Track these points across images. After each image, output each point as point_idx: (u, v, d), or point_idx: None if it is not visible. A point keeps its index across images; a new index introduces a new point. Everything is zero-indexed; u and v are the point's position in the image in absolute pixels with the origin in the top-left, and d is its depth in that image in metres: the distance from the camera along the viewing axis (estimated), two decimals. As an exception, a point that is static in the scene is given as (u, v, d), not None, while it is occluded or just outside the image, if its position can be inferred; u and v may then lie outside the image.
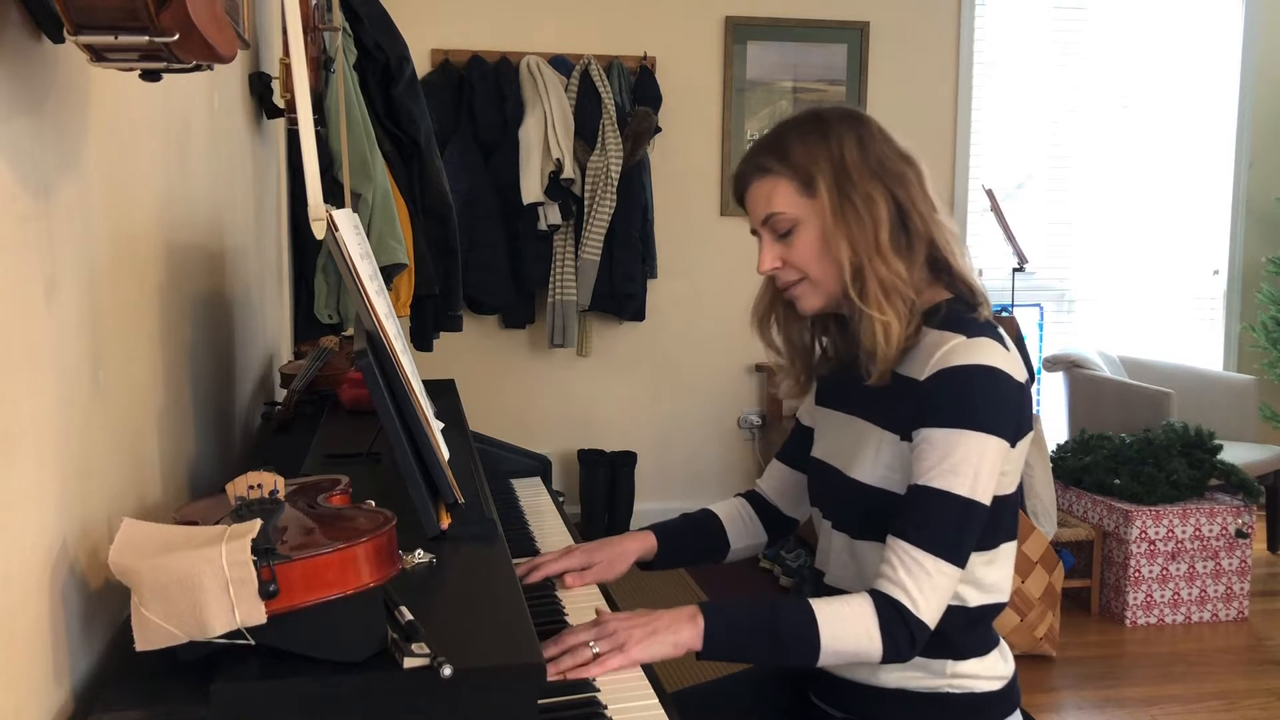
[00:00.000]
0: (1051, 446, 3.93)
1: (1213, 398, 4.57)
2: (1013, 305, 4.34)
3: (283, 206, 3.01)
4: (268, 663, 0.85)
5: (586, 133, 4.40)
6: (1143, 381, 4.51)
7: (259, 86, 2.39)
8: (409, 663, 0.86)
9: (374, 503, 1.02)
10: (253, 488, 0.96)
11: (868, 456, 1.43)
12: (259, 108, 2.43)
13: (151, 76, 0.86)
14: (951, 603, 1.40)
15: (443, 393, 2.01)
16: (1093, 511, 3.90)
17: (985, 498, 1.35)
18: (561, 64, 4.47)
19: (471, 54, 4.44)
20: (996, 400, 1.35)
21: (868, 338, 1.39)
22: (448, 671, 0.84)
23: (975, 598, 1.44)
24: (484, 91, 4.39)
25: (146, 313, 1.25)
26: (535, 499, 1.99)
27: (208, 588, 0.81)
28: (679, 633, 1.28)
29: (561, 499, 2.04)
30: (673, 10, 4.67)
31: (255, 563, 0.81)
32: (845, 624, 1.31)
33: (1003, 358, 1.37)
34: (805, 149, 1.41)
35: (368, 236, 1.89)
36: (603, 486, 4.52)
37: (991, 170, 4.98)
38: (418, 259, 3.29)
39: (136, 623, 0.83)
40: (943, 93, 4.92)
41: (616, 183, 4.38)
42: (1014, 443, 1.38)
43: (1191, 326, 5.31)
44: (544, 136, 4.34)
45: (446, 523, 1.20)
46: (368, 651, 0.87)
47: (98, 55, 0.80)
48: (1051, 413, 4.92)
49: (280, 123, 2.75)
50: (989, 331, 1.39)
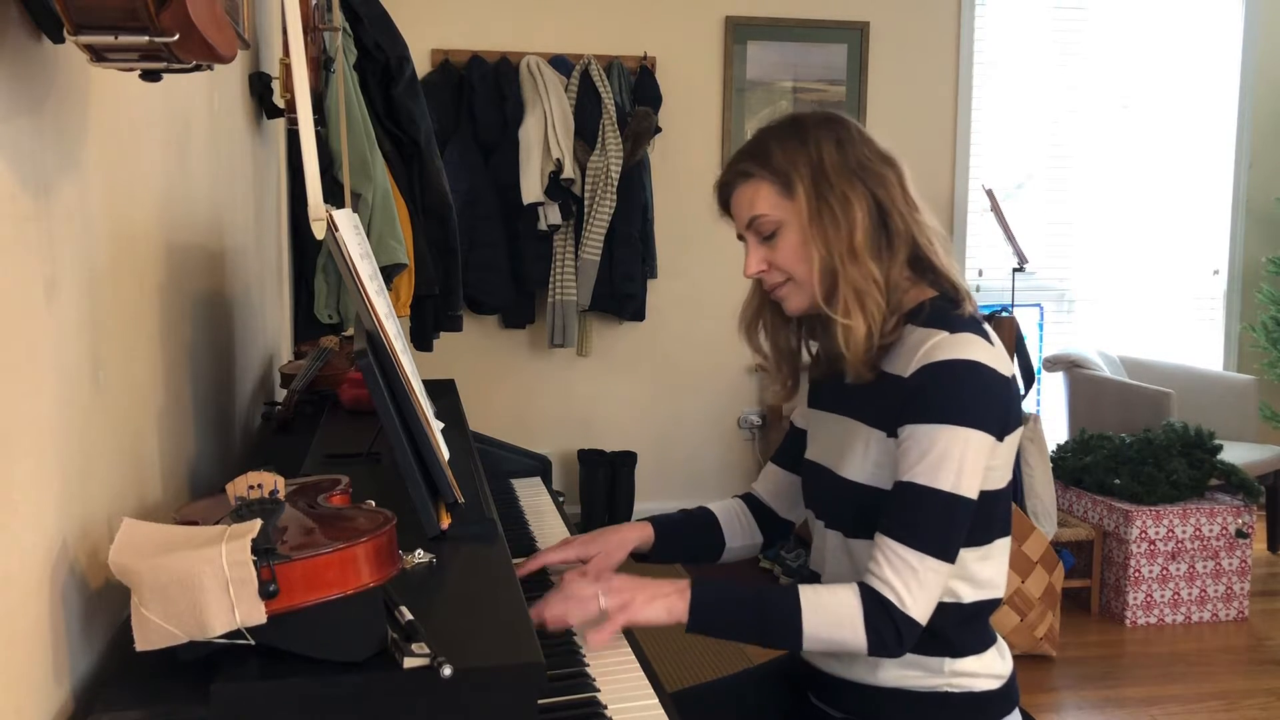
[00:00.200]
0: (1051, 446, 3.93)
1: (1213, 398, 4.57)
2: (1013, 305, 4.34)
3: (283, 206, 3.01)
4: (268, 663, 0.85)
5: (586, 133, 4.40)
6: (1143, 381, 4.51)
7: (259, 86, 2.39)
8: (409, 663, 0.86)
9: (374, 503, 1.02)
10: (253, 488, 0.96)
11: (857, 455, 1.44)
12: (259, 108, 2.43)
13: (151, 76, 0.86)
14: (946, 599, 1.40)
15: (443, 393, 2.01)
16: (1093, 511, 3.91)
17: (971, 492, 1.35)
18: (561, 64, 4.47)
19: (471, 54, 4.44)
20: (980, 395, 1.36)
21: (836, 339, 1.42)
22: (448, 671, 0.84)
23: (970, 594, 1.44)
24: (484, 91, 4.39)
25: (146, 313, 1.25)
26: (535, 499, 1.99)
27: (208, 588, 0.81)
28: (673, 602, 1.36)
29: (561, 499, 2.04)
30: (673, 10, 4.67)
31: (255, 563, 0.81)
32: (829, 614, 1.34)
33: (986, 352, 1.38)
34: (785, 153, 1.43)
35: (368, 236, 1.89)
36: (603, 486, 4.52)
37: (991, 170, 4.98)
38: (418, 259, 3.29)
39: (136, 623, 0.83)
40: (943, 93, 4.92)
41: (616, 183, 4.38)
42: (1001, 437, 1.38)
43: (1191, 326, 5.31)
44: (544, 136, 4.34)
45: (446, 523, 1.20)
46: (368, 651, 0.87)
47: (98, 55, 0.80)
48: (1051, 413, 4.92)
49: (280, 123, 2.75)
50: (972, 327, 1.40)
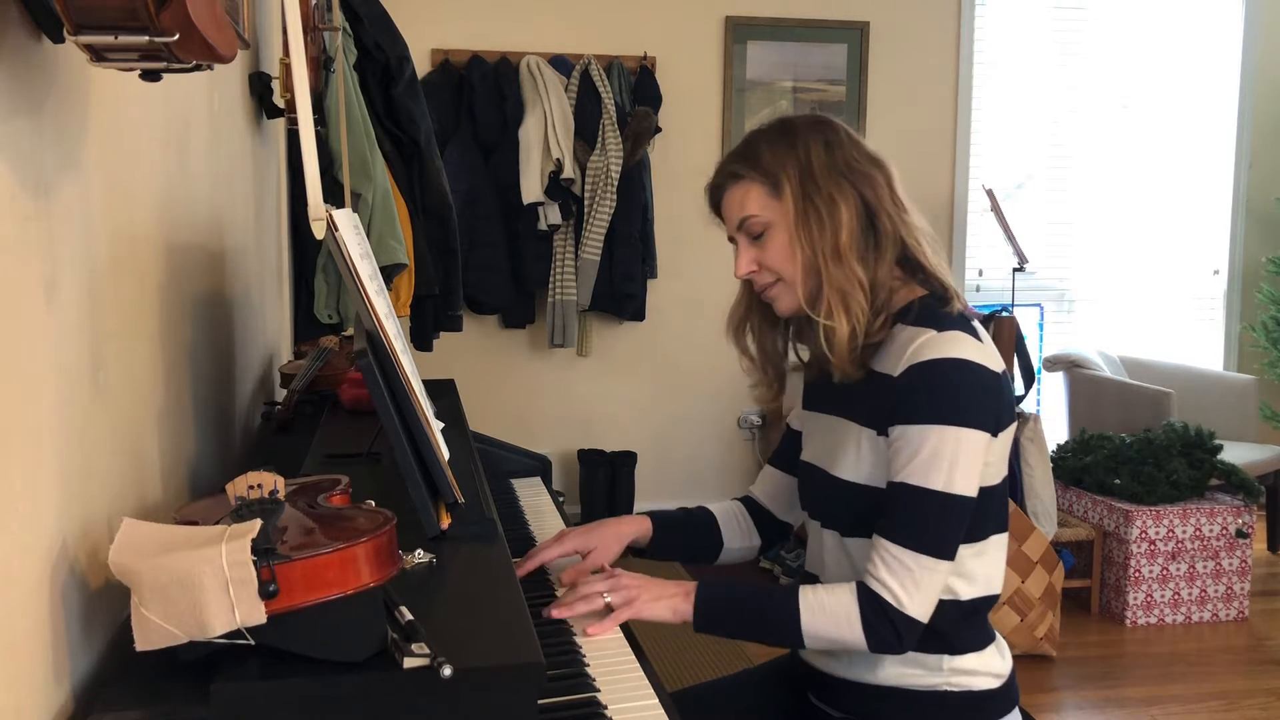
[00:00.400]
0: (1051, 446, 3.93)
1: (1213, 398, 4.57)
2: (1013, 305, 4.34)
3: (283, 206, 3.01)
4: (268, 663, 0.85)
5: (586, 133, 4.40)
6: (1143, 381, 4.51)
7: (259, 86, 2.39)
8: (409, 663, 0.86)
9: (374, 503, 1.02)
10: (253, 488, 0.96)
11: (850, 454, 1.45)
12: (259, 108, 2.43)
13: (151, 76, 0.86)
14: (944, 596, 1.41)
15: (443, 393, 2.01)
16: (1093, 511, 3.90)
17: (967, 490, 1.36)
18: (561, 64, 4.47)
19: (471, 54, 4.44)
20: (970, 392, 1.37)
21: (821, 340, 1.43)
22: (448, 671, 0.84)
23: (967, 590, 1.44)
24: (484, 91, 4.39)
25: (146, 313, 1.25)
26: (535, 499, 1.99)
27: (208, 588, 0.81)
28: (678, 602, 1.42)
29: (561, 499, 2.04)
30: (673, 10, 4.67)
31: (255, 563, 0.81)
32: (828, 614, 1.37)
33: (975, 349, 1.38)
34: (773, 154, 1.44)
35: (368, 236, 1.89)
36: (603, 486, 4.52)
37: (991, 170, 4.98)
38: (418, 259, 3.29)
39: (136, 623, 0.83)
40: (943, 93, 4.92)
41: (616, 183, 4.38)
42: (995, 432, 1.39)
43: (1191, 326, 5.31)
44: (544, 136, 4.34)
45: (446, 523, 1.20)
46: (368, 651, 0.87)
47: (98, 55, 0.80)
48: (1051, 413, 4.92)
49: (280, 123, 2.75)
50: (960, 324, 1.41)
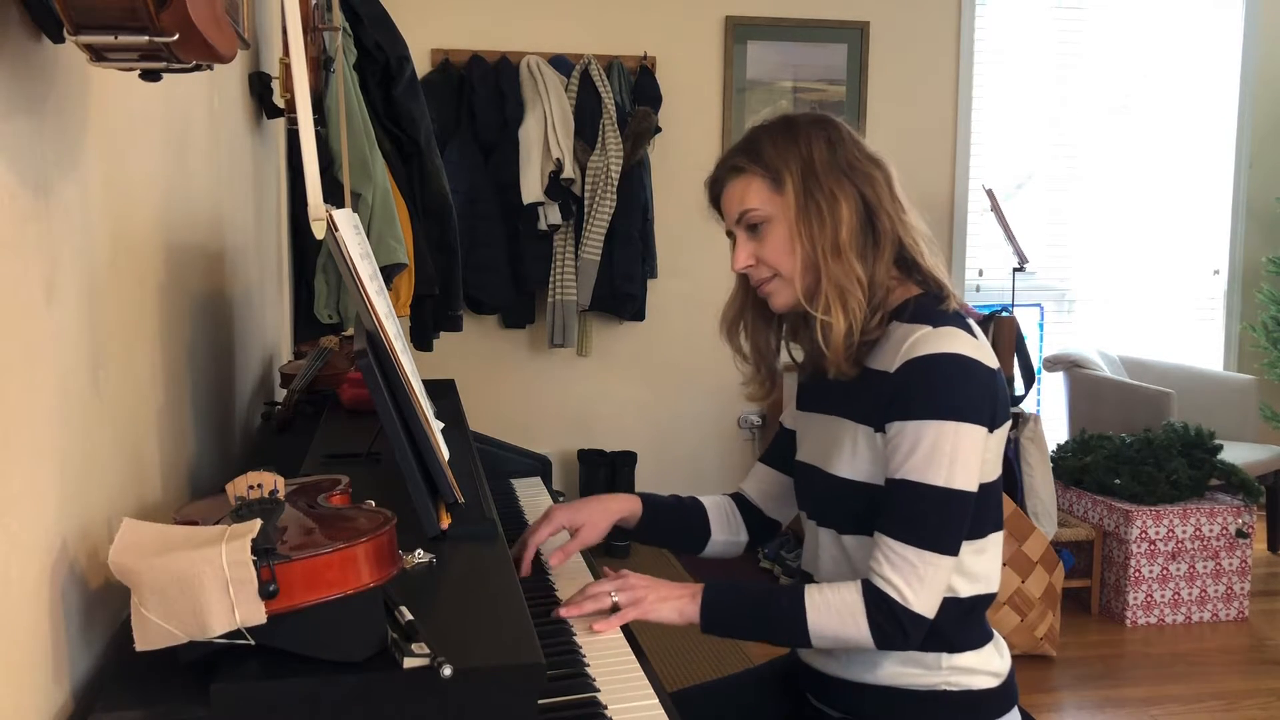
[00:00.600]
0: (1051, 446, 3.93)
1: (1213, 398, 4.57)
2: (1013, 305, 4.34)
3: (283, 206, 3.01)
4: (268, 663, 0.85)
5: (586, 133, 4.40)
6: (1143, 381, 4.51)
7: (259, 86, 2.39)
8: (409, 663, 0.86)
9: (374, 503, 1.02)
10: (253, 488, 0.96)
11: (845, 452, 1.45)
12: (259, 108, 2.43)
13: (151, 76, 0.86)
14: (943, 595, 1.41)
15: (443, 393, 2.01)
16: (1093, 511, 3.91)
17: (968, 485, 1.36)
18: (561, 64, 4.47)
19: (471, 54, 4.44)
20: (966, 387, 1.37)
21: (818, 336, 1.44)
22: (448, 671, 0.84)
23: (966, 588, 1.45)
24: (484, 91, 4.39)
25: (146, 313, 1.25)
26: (535, 499, 1.99)
27: (208, 588, 0.81)
28: (685, 604, 1.43)
29: (561, 499, 2.04)
30: (673, 10, 4.67)
31: (255, 563, 0.81)
32: (833, 612, 1.37)
33: (970, 345, 1.39)
34: (776, 149, 1.45)
35: (368, 236, 1.89)
36: (603, 486, 4.52)
37: (991, 170, 4.98)
38: (418, 259, 3.29)
39: (136, 623, 0.83)
40: (943, 93, 4.92)
41: (616, 183, 4.38)
42: (991, 429, 1.39)
43: (1191, 326, 5.31)
44: (544, 136, 4.34)
45: (446, 523, 1.20)
46: (368, 651, 0.87)
47: (98, 55, 0.80)
48: (1051, 413, 4.92)
49: (280, 123, 2.75)
50: (956, 321, 1.41)
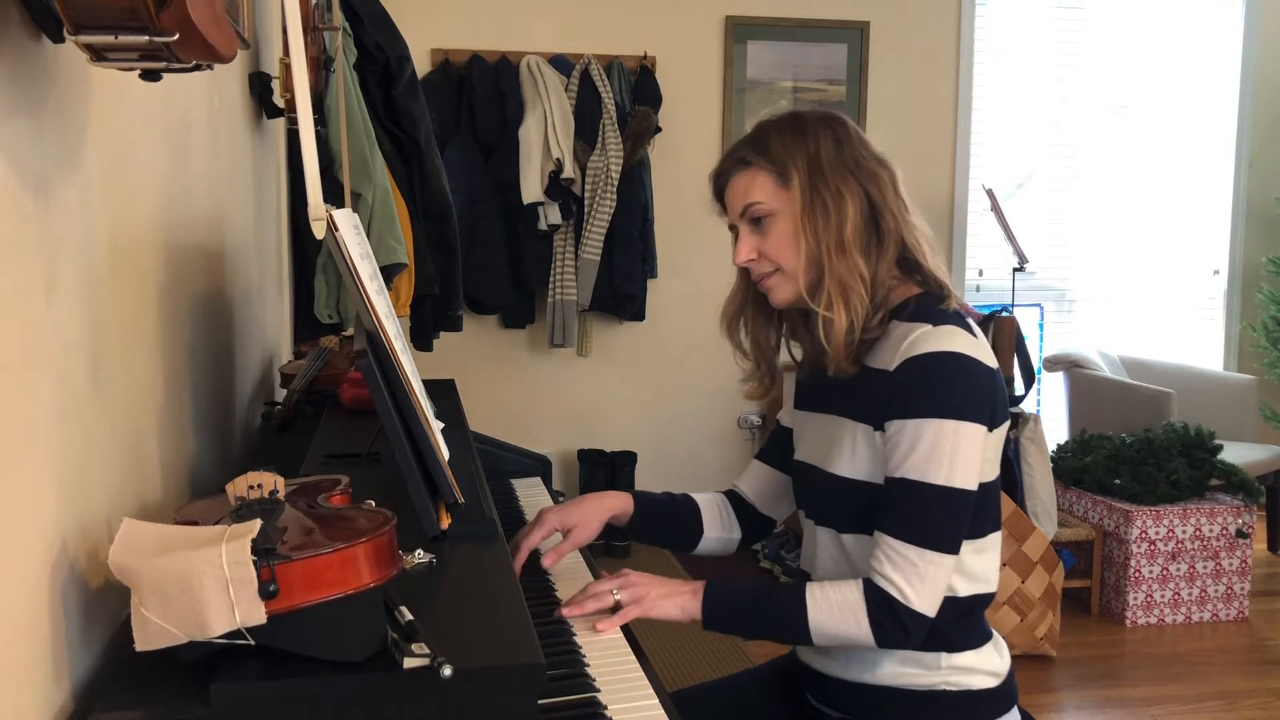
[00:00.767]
0: (1051, 446, 3.93)
1: (1213, 398, 4.57)
2: (1013, 305, 4.34)
3: (283, 206, 3.01)
4: (268, 663, 0.85)
5: (586, 132, 4.40)
6: (1143, 381, 4.51)
7: (259, 86, 2.39)
8: (409, 663, 0.86)
9: (374, 503, 1.02)
10: (253, 488, 0.96)
11: (845, 451, 1.45)
12: (259, 108, 2.43)
13: (151, 76, 0.86)
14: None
15: (443, 393, 2.01)
16: (1093, 511, 3.90)
17: (967, 483, 1.36)
18: (561, 64, 4.47)
19: (471, 54, 4.44)
20: (965, 386, 1.37)
21: (818, 332, 1.44)
22: (448, 671, 0.84)
23: (964, 587, 1.45)
24: (484, 91, 4.39)
25: (146, 313, 1.25)
26: (535, 499, 1.99)
27: (208, 588, 0.81)
28: (686, 601, 1.43)
29: (561, 499, 2.04)
30: (673, 10, 4.67)
31: (255, 563, 0.81)
32: (835, 610, 1.37)
33: (969, 344, 1.39)
34: (783, 144, 1.45)
35: (368, 236, 1.89)
36: (603, 486, 4.52)
37: (991, 170, 4.98)
38: (418, 259, 3.29)
39: (136, 623, 0.83)
40: (943, 93, 4.92)
41: (616, 183, 4.38)
42: (990, 428, 1.39)
43: (1191, 326, 5.31)
44: (544, 136, 4.34)
45: (446, 523, 1.20)
46: (368, 651, 0.87)
47: (98, 55, 0.80)
48: (1051, 413, 4.92)
49: (280, 123, 2.74)
50: (955, 320, 1.42)
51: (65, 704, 0.91)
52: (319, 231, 1.09)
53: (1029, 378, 3.61)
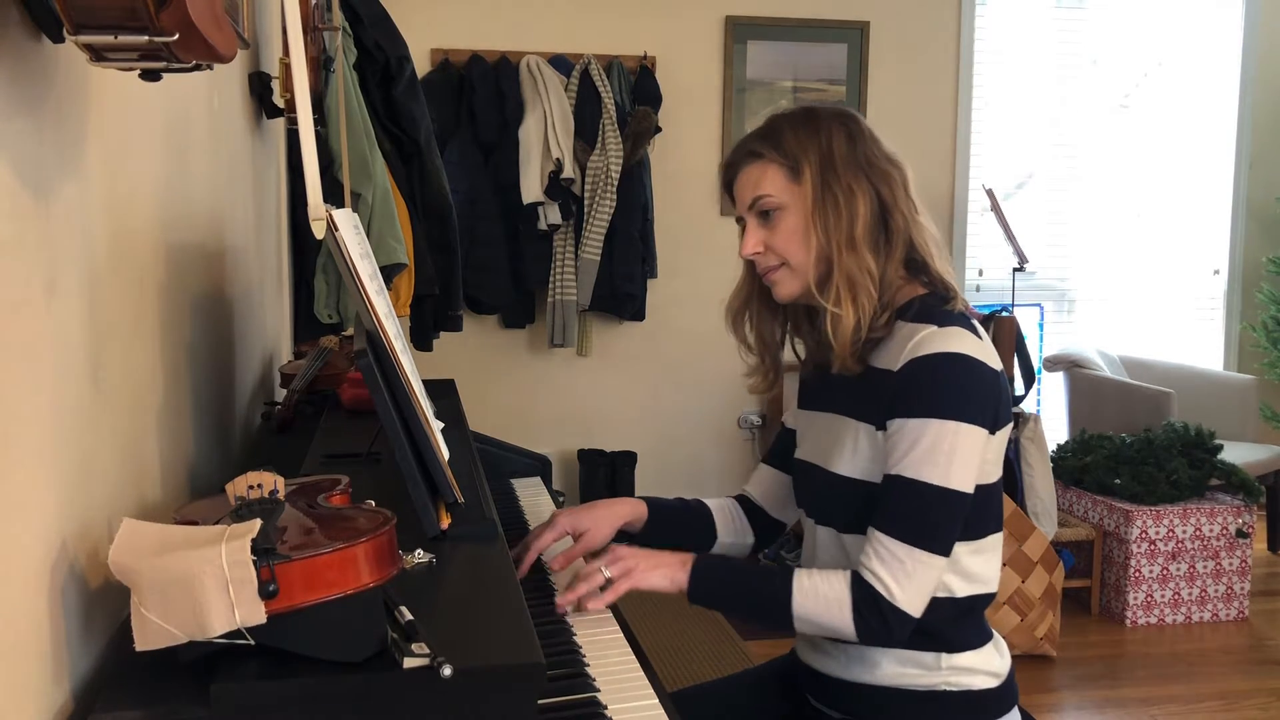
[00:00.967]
0: (1051, 446, 3.93)
1: (1213, 398, 4.58)
2: (1013, 305, 4.34)
3: (283, 206, 3.01)
4: (268, 663, 0.85)
5: (586, 132, 4.40)
6: (1143, 381, 4.51)
7: (259, 86, 2.39)
8: (409, 663, 0.86)
9: (374, 503, 1.02)
10: (253, 488, 0.96)
11: (846, 450, 1.45)
12: (259, 108, 2.43)
13: (151, 76, 0.86)
14: (939, 594, 1.41)
15: (443, 393, 2.01)
16: (1093, 511, 3.90)
17: (964, 485, 1.36)
18: (561, 64, 4.47)
19: (471, 54, 4.44)
20: (969, 387, 1.37)
21: (824, 328, 1.44)
22: (448, 671, 0.84)
23: (963, 588, 1.44)
24: (484, 91, 4.39)
25: (146, 313, 1.25)
26: (535, 499, 1.99)
27: (208, 588, 0.81)
28: (675, 572, 1.44)
29: (562, 499, 2.04)
30: (673, 10, 4.67)
31: (255, 563, 0.81)
32: (819, 598, 1.37)
33: (974, 346, 1.39)
34: (796, 138, 1.45)
35: (367, 236, 1.89)
36: (603, 486, 4.52)
37: (991, 170, 4.98)
38: (417, 259, 3.29)
39: (136, 623, 0.83)
40: (943, 93, 4.92)
41: (616, 183, 4.38)
42: (993, 430, 1.39)
43: (1191, 326, 5.31)
44: (544, 136, 4.34)
45: (446, 523, 1.20)
46: (368, 651, 0.87)
47: (98, 55, 0.80)
48: (1051, 413, 4.92)
49: (280, 123, 2.74)
50: (961, 321, 1.41)
51: (65, 704, 0.91)
52: (319, 231, 1.09)
53: (1029, 378, 3.61)
